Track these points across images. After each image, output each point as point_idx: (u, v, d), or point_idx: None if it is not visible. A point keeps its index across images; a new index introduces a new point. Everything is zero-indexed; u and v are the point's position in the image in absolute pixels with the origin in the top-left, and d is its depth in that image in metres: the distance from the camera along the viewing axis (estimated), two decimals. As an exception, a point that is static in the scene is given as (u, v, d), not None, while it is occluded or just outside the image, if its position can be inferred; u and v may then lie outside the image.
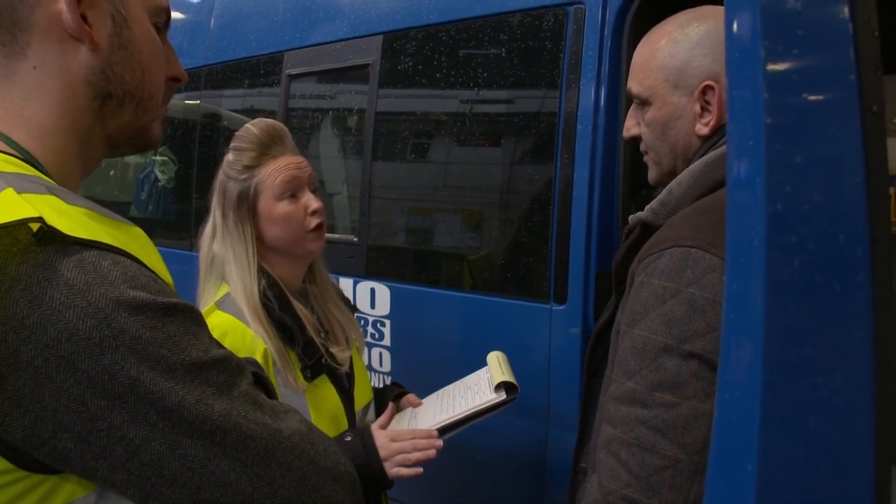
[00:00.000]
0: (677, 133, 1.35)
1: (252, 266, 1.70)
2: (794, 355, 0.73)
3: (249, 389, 0.86)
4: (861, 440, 0.75)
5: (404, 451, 1.62)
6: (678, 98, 1.33)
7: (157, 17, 0.97)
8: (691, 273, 1.09)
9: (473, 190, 2.81)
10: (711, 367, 1.04)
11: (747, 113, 0.75)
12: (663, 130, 1.37)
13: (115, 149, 0.97)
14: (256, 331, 1.63)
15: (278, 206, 1.73)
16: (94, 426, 0.75)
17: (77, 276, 0.74)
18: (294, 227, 1.75)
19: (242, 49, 3.74)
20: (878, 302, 0.74)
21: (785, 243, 0.72)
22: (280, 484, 0.83)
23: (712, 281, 1.07)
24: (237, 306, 1.67)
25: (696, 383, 1.06)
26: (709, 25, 1.31)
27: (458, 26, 2.78)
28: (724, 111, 1.25)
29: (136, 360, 0.75)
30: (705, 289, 1.08)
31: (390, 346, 2.92)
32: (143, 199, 4.35)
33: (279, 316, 1.68)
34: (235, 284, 1.69)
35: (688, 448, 1.05)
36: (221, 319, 1.65)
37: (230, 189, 1.74)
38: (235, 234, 1.72)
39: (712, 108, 1.29)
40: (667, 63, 1.34)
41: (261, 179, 1.73)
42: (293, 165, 1.76)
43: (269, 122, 1.80)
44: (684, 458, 1.05)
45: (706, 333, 1.06)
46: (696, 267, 1.09)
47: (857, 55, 0.74)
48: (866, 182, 0.73)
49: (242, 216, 1.72)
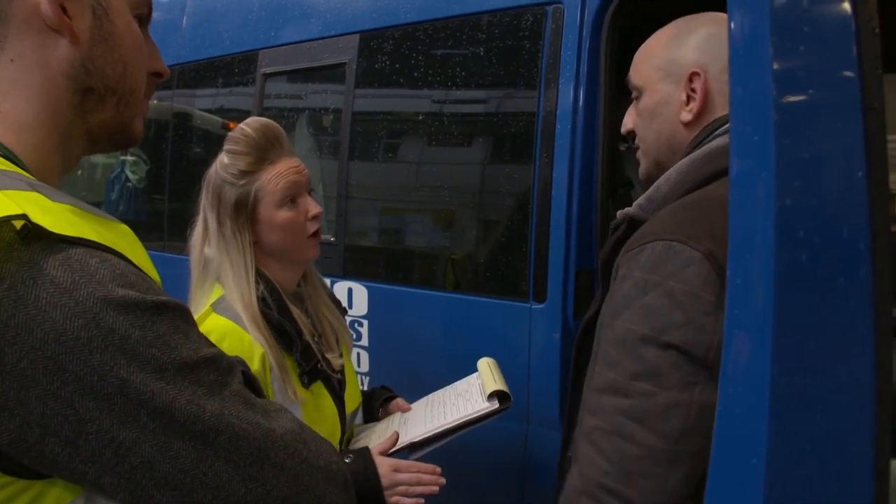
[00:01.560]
0: (663, 120, 1.40)
1: (250, 273, 1.67)
2: (799, 349, 0.74)
3: (240, 389, 0.84)
4: (862, 434, 0.76)
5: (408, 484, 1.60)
6: (667, 86, 1.39)
7: (139, 10, 0.94)
8: (671, 266, 1.11)
9: (452, 189, 2.80)
10: (689, 357, 1.07)
11: (753, 109, 0.76)
12: (651, 118, 1.42)
13: (96, 145, 0.94)
14: (254, 335, 1.60)
15: (279, 213, 1.70)
16: (83, 429, 0.73)
17: (63, 274, 0.72)
18: (295, 234, 1.72)
19: (216, 47, 3.70)
20: (878, 296, 0.75)
21: (793, 238, 0.72)
22: (273, 484, 0.82)
23: (691, 274, 1.09)
24: (234, 310, 1.63)
25: (674, 373, 1.08)
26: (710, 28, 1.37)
27: (436, 25, 2.78)
28: (708, 100, 1.32)
29: (125, 360, 0.73)
30: (684, 281, 1.10)
31: (368, 346, 2.91)
32: (113, 199, 4.29)
33: (277, 321, 1.65)
34: (232, 292, 1.65)
35: (666, 437, 1.07)
36: (219, 323, 1.61)
37: (227, 194, 1.69)
38: (233, 241, 1.68)
39: (696, 95, 1.34)
40: (661, 54, 1.40)
41: (261, 186, 1.69)
42: (293, 171, 1.72)
43: (265, 123, 1.76)
44: (662, 447, 1.07)
45: (684, 325, 1.08)
46: (676, 260, 1.11)
47: (859, 53, 0.75)
48: (868, 177, 0.74)
49: (241, 223, 1.68)
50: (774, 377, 0.72)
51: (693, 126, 1.35)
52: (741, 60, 0.79)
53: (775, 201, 0.72)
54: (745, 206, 0.77)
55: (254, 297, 1.64)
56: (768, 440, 0.73)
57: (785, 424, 0.74)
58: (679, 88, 1.36)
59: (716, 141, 1.29)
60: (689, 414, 1.06)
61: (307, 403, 1.66)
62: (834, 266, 0.74)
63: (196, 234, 1.75)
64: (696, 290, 1.08)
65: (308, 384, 1.67)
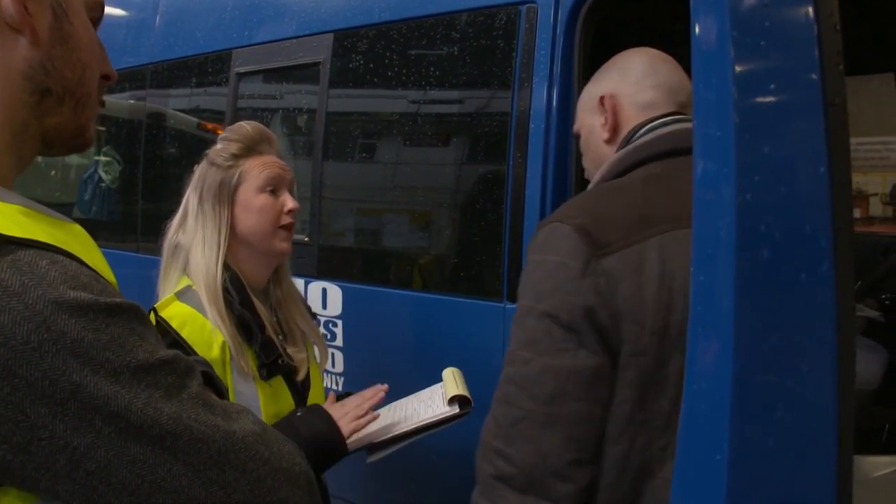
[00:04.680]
0: (594, 147, 1.53)
1: (220, 250, 1.72)
2: (762, 346, 0.74)
3: (199, 391, 0.83)
4: (824, 430, 0.76)
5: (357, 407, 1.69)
6: (589, 118, 1.53)
7: (94, 12, 0.93)
8: (551, 243, 1.22)
9: (426, 189, 2.80)
10: (560, 324, 1.17)
11: (715, 108, 0.76)
12: (586, 149, 1.57)
13: (50, 148, 0.91)
14: (213, 318, 1.64)
15: (258, 196, 1.77)
16: (35, 435, 0.71)
17: (11, 277, 0.71)
18: (268, 221, 1.77)
19: (189, 46, 3.67)
20: (840, 292, 0.76)
21: (754, 233, 0.72)
22: (234, 487, 0.80)
23: (563, 245, 1.20)
24: (197, 299, 1.67)
25: (546, 340, 1.17)
26: (620, 61, 1.52)
27: (410, 24, 2.77)
28: (620, 113, 1.45)
29: (78, 364, 0.72)
30: (556, 252, 1.20)
31: (343, 346, 2.90)
32: (86, 199, 4.25)
33: (239, 311, 1.68)
34: (198, 267, 1.70)
35: (538, 400, 1.16)
36: (180, 310, 1.65)
37: (211, 175, 1.77)
38: (210, 216, 1.74)
39: (607, 112, 1.46)
40: (583, 97, 1.57)
41: (246, 169, 1.77)
42: (278, 165, 1.82)
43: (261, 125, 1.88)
44: (536, 410, 1.16)
45: (554, 292, 1.18)
46: (554, 236, 1.22)
47: (820, 49, 0.75)
48: (830, 173, 0.74)
49: (222, 200, 1.75)
50: (737, 374, 0.73)
51: (613, 141, 1.47)
52: (702, 59, 0.79)
53: (736, 197, 0.72)
54: (708, 204, 0.77)
55: (218, 274, 1.69)
56: (731, 437, 0.73)
57: (748, 421, 0.74)
58: (597, 115, 1.49)
59: (630, 145, 1.40)
60: (560, 378, 1.15)
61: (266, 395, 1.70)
62: (796, 262, 0.74)
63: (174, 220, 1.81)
64: (564, 259, 1.18)
65: (267, 377, 1.70)
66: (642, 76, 1.45)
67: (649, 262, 1.16)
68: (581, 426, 1.15)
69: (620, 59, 1.52)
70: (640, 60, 1.48)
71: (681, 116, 1.41)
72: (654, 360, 1.15)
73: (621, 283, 1.15)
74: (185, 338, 1.59)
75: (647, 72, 1.45)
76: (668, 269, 1.16)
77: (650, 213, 1.22)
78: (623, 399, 1.16)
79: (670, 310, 1.15)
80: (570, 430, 1.15)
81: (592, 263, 1.16)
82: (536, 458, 1.15)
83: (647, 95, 1.43)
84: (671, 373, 1.14)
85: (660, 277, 1.16)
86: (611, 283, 1.15)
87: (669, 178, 1.29)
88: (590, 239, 1.18)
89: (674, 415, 1.09)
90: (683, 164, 1.28)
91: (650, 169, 1.33)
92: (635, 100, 1.44)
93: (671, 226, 1.19)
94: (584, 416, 1.15)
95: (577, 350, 1.15)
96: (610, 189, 1.35)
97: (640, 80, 1.45)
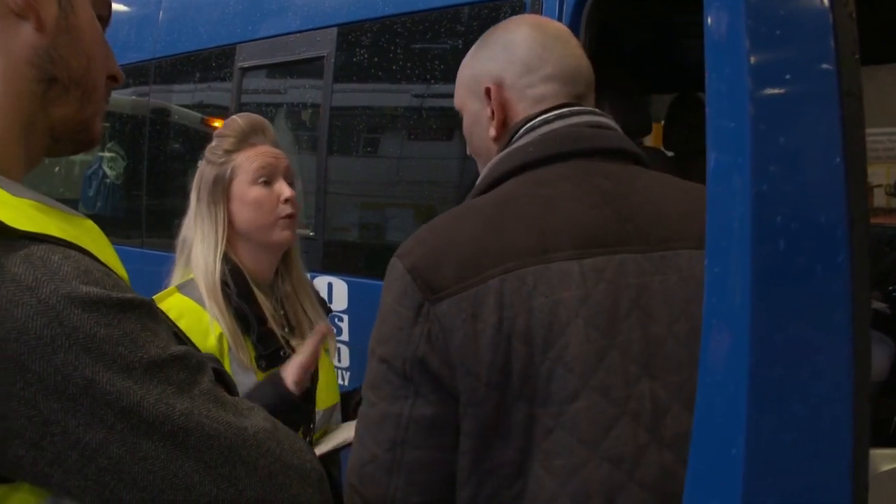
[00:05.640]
0: (479, 139, 1.33)
1: (218, 247, 1.71)
2: (777, 338, 0.73)
3: (211, 387, 0.82)
4: (840, 423, 0.76)
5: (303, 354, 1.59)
6: (474, 104, 1.31)
7: (100, 10, 0.93)
8: (388, 283, 1.14)
9: (430, 183, 2.80)
10: (395, 372, 1.09)
11: (728, 99, 0.76)
12: (470, 139, 1.36)
13: (57, 143, 0.91)
14: (211, 311, 1.64)
15: (251, 189, 1.75)
16: (47, 431, 0.71)
17: (25, 271, 0.70)
18: (265, 213, 1.75)
19: (192, 42, 3.67)
20: (856, 284, 0.75)
21: (770, 224, 0.72)
22: (246, 484, 0.80)
23: (395, 288, 1.11)
24: (199, 292, 1.67)
25: (385, 386, 1.10)
26: (505, 35, 1.30)
27: (414, 18, 2.77)
28: (508, 109, 1.25)
29: (90, 359, 0.71)
30: (390, 294, 1.12)
31: (348, 340, 2.90)
32: (90, 195, 4.26)
33: (237, 303, 1.68)
34: (197, 264, 1.70)
35: (381, 446, 1.10)
36: (178, 302, 1.66)
37: (207, 172, 1.77)
38: (207, 215, 1.74)
39: (494, 105, 1.26)
40: (465, 73, 1.34)
41: (238, 163, 1.75)
42: (270, 154, 1.79)
43: (254, 115, 1.87)
44: (379, 455, 1.10)
45: (388, 339, 1.11)
46: (391, 275, 1.14)
47: (836, 38, 0.74)
48: (845, 163, 0.74)
49: (217, 198, 1.74)
50: (752, 366, 0.72)
51: (500, 140, 1.28)
52: (715, 48, 0.78)
53: (752, 187, 0.72)
54: (722, 196, 0.76)
55: (216, 269, 1.69)
56: (747, 430, 0.72)
57: (764, 414, 0.73)
58: (484, 105, 1.28)
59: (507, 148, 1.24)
60: (400, 426, 1.09)
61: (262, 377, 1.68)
62: (812, 253, 0.74)
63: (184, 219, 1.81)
64: (395, 304, 1.10)
65: (266, 368, 1.69)
66: (533, 64, 1.25)
67: (486, 308, 1.06)
68: (424, 472, 1.10)
69: (502, 33, 1.31)
70: (527, 41, 1.27)
71: (573, 109, 1.23)
72: (492, 411, 1.06)
73: (454, 332, 1.06)
74: (183, 329, 1.58)
75: (538, 57, 1.25)
76: (507, 314, 1.05)
77: (495, 247, 1.09)
78: (465, 448, 1.08)
79: (509, 357, 1.05)
80: (413, 476, 1.09)
81: (426, 308, 1.08)
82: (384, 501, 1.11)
83: (539, 90, 1.25)
84: (515, 423, 1.06)
85: (497, 324, 1.05)
86: (444, 331, 1.06)
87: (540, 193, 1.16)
88: (422, 282, 1.08)
89: (525, 462, 1.06)
90: (571, 169, 1.17)
91: (530, 177, 1.19)
92: (526, 94, 1.25)
93: (519, 262, 1.07)
94: (427, 462, 1.10)
95: (415, 398, 1.08)
96: (464, 211, 1.21)
97: (531, 69, 1.25)
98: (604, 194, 1.16)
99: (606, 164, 1.20)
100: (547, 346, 1.06)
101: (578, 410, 1.05)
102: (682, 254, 1.14)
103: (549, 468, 1.06)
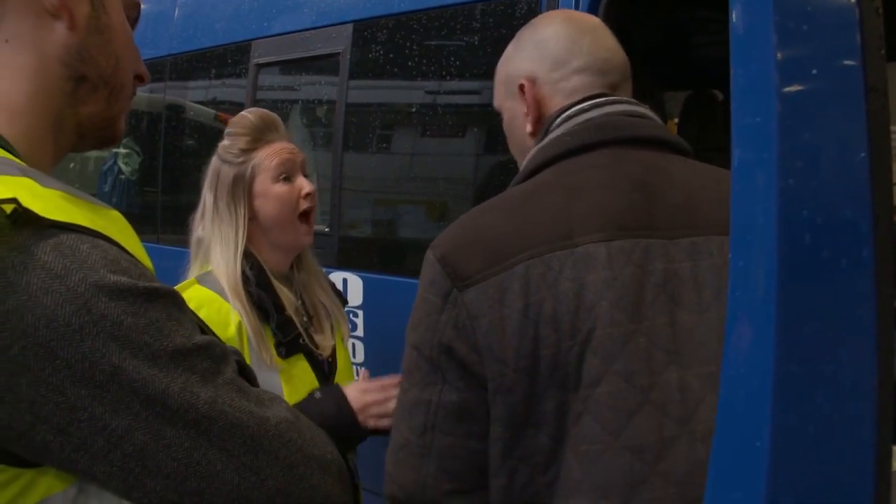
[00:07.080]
0: (518, 136, 1.35)
1: (239, 248, 1.74)
2: (802, 331, 0.73)
3: (234, 377, 0.83)
4: (863, 417, 0.76)
5: (377, 403, 1.68)
6: (511, 102, 1.34)
7: (130, 11, 0.95)
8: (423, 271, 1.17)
9: (446, 180, 2.80)
10: (424, 358, 1.12)
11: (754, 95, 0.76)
12: (510, 137, 1.39)
13: (83, 140, 0.93)
14: (234, 306, 1.67)
15: (275, 186, 1.78)
16: (74, 417, 0.72)
17: (55, 260, 0.71)
18: (289, 209, 1.79)
19: (208, 38, 3.69)
20: (880, 279, 0.75)
21: (797, 219, 0.72)
22: (267, 473, 0.81)
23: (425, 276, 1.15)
24: (218, 284, 1.70)
25: (416, 373, 1.14)
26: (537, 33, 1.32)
27: (430, 14, 2.77)
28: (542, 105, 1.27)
29: (117, 346, 0.73)
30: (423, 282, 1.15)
31: (363, 336, 2.90)
32: (106, 191, 4.28)
33: (256, 293, 1.71)
34: (218, 265, 1.73)
35: (413, 431, 1.13)
36: (199, 293, 1.69)
37: (224, 172, 1.79)
38: (226, 215, 1.76)
39: (528, 102, 1.28)
40: (501, 71, 1.36)
41: (258, 162, 1.78)
42: (287, 150, 1.82)
43: (263, 110, 1.89)
44: (412, 441, 1.13)
45: (419, 326, 1.14)
46: (425, 263, 1.16)
47: (862, 33, 0.74)
48: (870, 159, 0.74)
49: (237, 197, 1.77)
50: (778, 360, 0.72)
51: (536, 135, 1.29)
52: (741, 42, 0.78)
53: (778, 182, 0.72)
54: (747, 191, 0.77)
55: (238, 269, 1.71)
56: (772, 423, 0.72)
57: (788, 408, 0.73)
58: (519, 102, 1.31)
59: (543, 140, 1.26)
60: (430, 412, 1.11)
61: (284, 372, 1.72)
62: (837, 248, 0.74)
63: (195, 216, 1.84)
64: (426, 292, 1.14)
65: (286, 355, 1.73)
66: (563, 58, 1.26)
67: (511, 294, 1.07)
68: (454, 459, 1.11)
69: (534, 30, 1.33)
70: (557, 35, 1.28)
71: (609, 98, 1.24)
72: (523, 398, 1.07)
73: (481, 318, 1.08)
74: (203, 319, 1.60)
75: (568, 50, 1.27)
76: (534, 300, 1.06)
77: (521, 234, 1.11)
78: (496, 436, 1.09)
79: (537, 343, 1.06)
80: (443, 462, 1.11)
81: (453, 295, 1.10)
82: (416, 487, 1.12)
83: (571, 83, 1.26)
84: (547, 410, 1.07)
85: (523, 310, 1.06)
86: (471, 318, 1.08)
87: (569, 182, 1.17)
88: (451, 270, 1.11)
89: (558, 450, 1.07)
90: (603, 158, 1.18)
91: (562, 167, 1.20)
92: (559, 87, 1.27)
93: (545, 248, 1.08)
94: (456, 449, 1.11)
95: (443, 385, 1.10)
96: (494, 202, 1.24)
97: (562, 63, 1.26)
98: (633, 181, 1.16)
99: (640, 152, 1.20)
100: (574, 330, 1.06)
101: (601, 395, 1.06)
102: (713, 239, 1.13)
103: (577, 454, 1.06)
